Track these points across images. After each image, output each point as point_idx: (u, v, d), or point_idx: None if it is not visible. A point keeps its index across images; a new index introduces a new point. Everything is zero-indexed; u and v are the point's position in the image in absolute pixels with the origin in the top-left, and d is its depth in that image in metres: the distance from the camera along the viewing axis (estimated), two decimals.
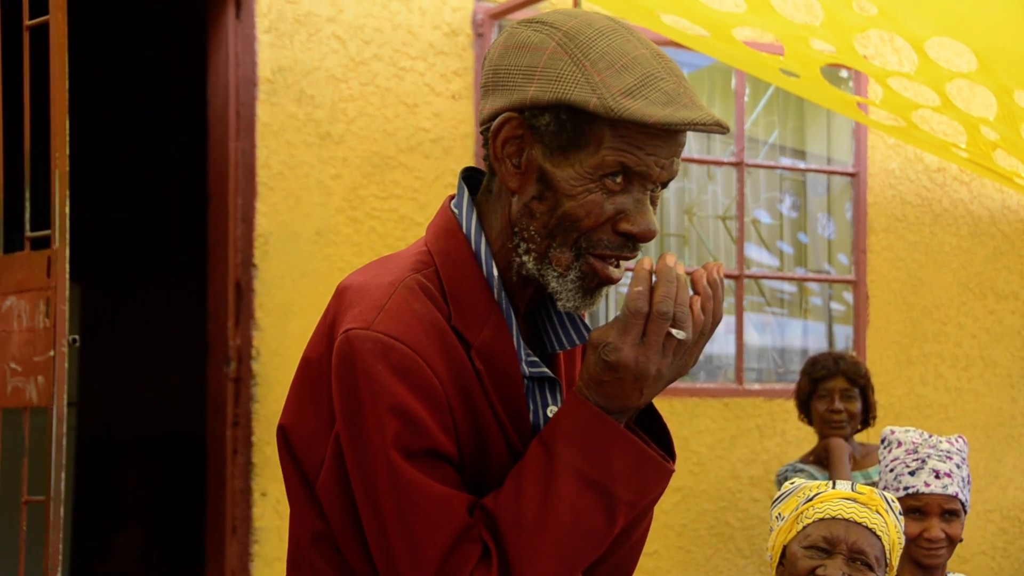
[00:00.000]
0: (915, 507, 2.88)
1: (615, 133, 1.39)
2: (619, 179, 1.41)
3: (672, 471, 1.42)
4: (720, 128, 1.40)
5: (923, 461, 2.92)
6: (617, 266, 1.45)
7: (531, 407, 1.50)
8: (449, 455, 1.41)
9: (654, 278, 1.38)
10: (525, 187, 1.44)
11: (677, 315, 1.37)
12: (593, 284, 1.44)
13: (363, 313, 1.42)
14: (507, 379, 1.46)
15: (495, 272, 1.47)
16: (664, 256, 1.38)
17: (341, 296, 1.48)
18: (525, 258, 1.46)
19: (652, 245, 5.25)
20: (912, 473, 2.90)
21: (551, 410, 1.52)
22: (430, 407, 1.39)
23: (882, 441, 3.02)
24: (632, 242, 1.44)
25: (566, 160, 1.41)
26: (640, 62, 1.40)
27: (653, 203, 1.45)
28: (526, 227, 1.44)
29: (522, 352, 1.49)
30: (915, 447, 2.94)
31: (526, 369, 1.49)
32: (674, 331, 1.37)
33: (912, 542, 2.87)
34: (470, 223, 1.49)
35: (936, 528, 2.87)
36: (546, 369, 1.51)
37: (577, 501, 1.37)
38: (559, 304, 1.46)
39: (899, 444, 2.96)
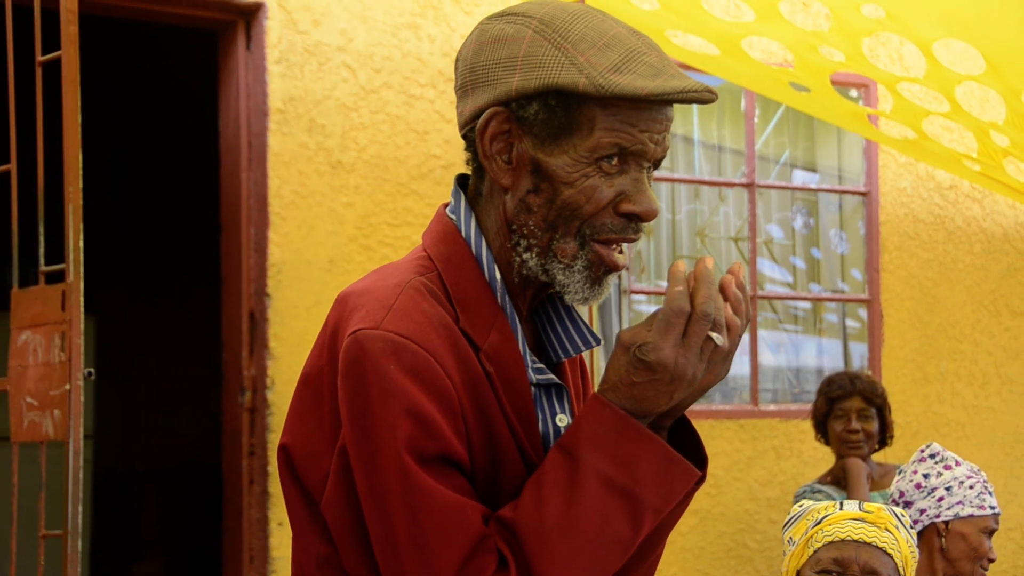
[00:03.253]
0: (993, 530, 2.93)
1: (607, 113, 1.36)
2: (615, 161, 1.38)
3: (699, 475, 1.38)
4: (710, 95, 1.37)
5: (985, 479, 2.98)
6: (621, 252, 1.42)
7: (539, 416, 1.46)
8: (461, 461, 1.36)
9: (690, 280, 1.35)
10: (519, 182, 1.41)
11: (716, 319, 1.34)
12: (600, 272, 1.41)
13: (371, 314, 1.37)
14: (516, 384, 1.42)
15: (497, 275, 1.43)
16: (703, 259, 1.35)
17: (343, 304, 1.43)
18: (527, 256, 1.42)
19: (664, 259, 5.24)
20: (991, 494, 2.96)
21: (560, 419, 1.48)
22: (443, 410, 1.34)
23: (933, 455, 3.00)
24: (635, 223, 1.41)
25: (559, 147, 1.38)
26: (620, 39, 1.38)
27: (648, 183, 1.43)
28: (525, 223, 1.41)
29: (528, 358, 1.45)
30: (972, 469, 2.98)
31: (533, 376, 1.45)
32: (713, 335, 1.33)
33: (977, 562, 2.93)
34: (469, 227, 1.45)
35: (993, 549, 2.97)
36: (553, 376, 1.48)
37: (603, 508, 1.32)
38: (567, 298, 1.43)
39: (957, 463, 2.98)
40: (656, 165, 1.43)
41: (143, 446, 7.02)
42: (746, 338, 5.19)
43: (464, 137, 1.46)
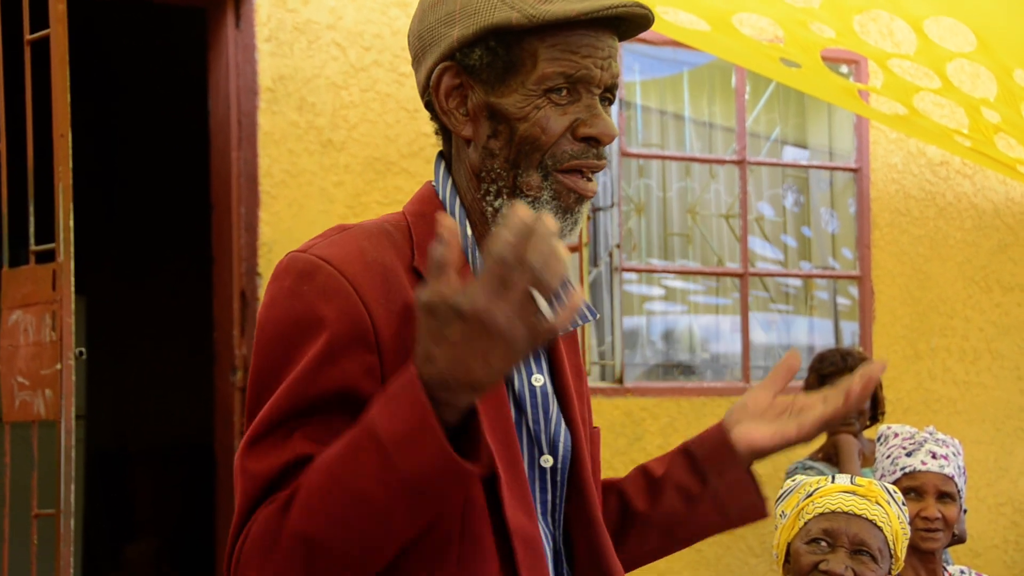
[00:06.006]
0: (912, 487, 2.91)
1: (546, 44, 1.42)
2: (564, 92, 1.43)
3: (460, 470, 1.24)
4: (641, 9, 1.42)
5: (920, 444, 2.95)
6: (589, 179, 1.46)
7: (515, 375, 1.46)
8: (353, 393, 1.33)
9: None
10: (478, 130, 1.45)
11: (545, 279, 1.19)
12: (570, 200, 1.44)
13: (311, 241, 1.43)
14: None
15: (469, 232, 1.47)
16: (546, 216, 1.22)
17: None
18: (497, 202, 1.45)
19: (655, 236, 5.25)
20: (909, 454, 2.93)
21: (536, 379, 1.47)
22: (350, 336, 1.34)
23: (878, 439, 3.05)
24: (596, 147, 1.44)
25: (508, 87, 1.43)
26: None
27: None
28: (491, 168, 1.45)
29: None
30: (912, 435, 2.98)
31: None
32: (537, 296, 1.19)
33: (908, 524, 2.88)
34: (445, 188, 1.50)
35: (933, 507, 2.89)
36: None
37: (357, 458, 1.25)
38: None
39: (896, 435, 3.00)
40: (610, 93, 1.46)
41: (136, 427, 7.02)
42: (737, 316, 5.20)
43: (427, 106, 1.51)
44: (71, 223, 2.85)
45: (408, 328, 1.34)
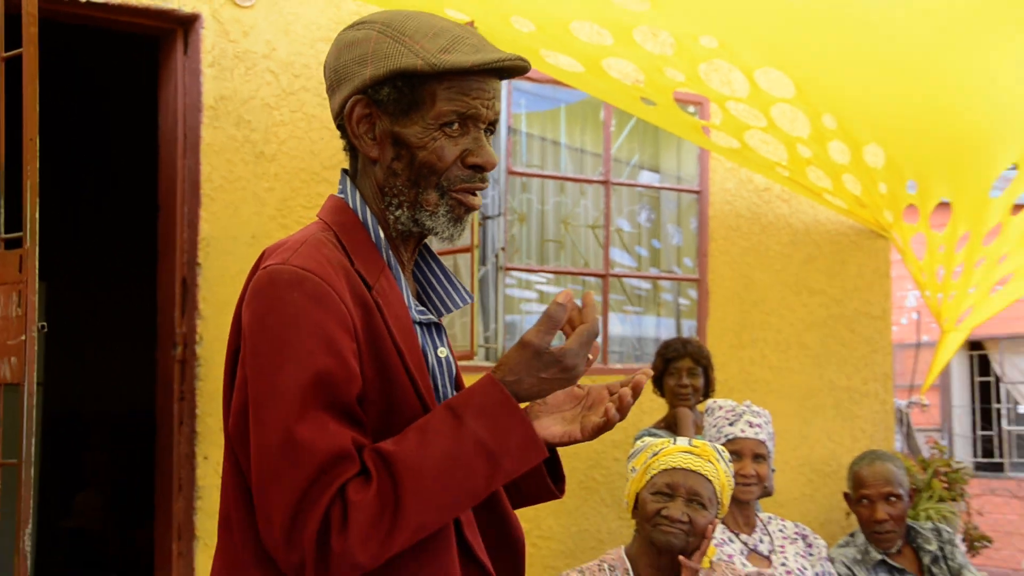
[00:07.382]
0: (733, 451, 3.02)
1: (443, 87, 1.45)
2: (455, 126, 1.46)
3: (547, 455, 1.42)
4: (523, 62, 1.46)
5: (739, 415, 3.07)
6: (475, 195, 1.49)
7: (428, 350, 1.50)
8: (352, 377, 1.36)
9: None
10: (384, 153, 1.48)
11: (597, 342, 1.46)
12: (461, 212, 1.49)
13: (279, 255, 1.42)
14: (401, 319, 1.46)
15: (381, 235, 1.49)
16: (589, 293, 1.45)
17: (259, 259, 1.47)
18: (398, 212, 1.49)
19: (534, 242, 5.26)
20: (731, 424, 3.05)
21: (440, 351, 1.52)
22: (343, 331, 1.37)
23: (707, 411, 3.15)
24: (480, 173, 1.48)
25: (410, 120, 1.46)
26: (447, 28, 1.47)
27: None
28: (393, 185, 1.48)
29: (411, 302, 1.50)
30: (733, 407, 3.09)
31: (415, 315, 1.50)
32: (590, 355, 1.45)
33: None
34: (355, 199, 1.51)
35: (749, 467, 3.01)
36: (432, 316, 1.53)
37: (471, 463, 1.36)
38: (437, 236, 1.50)
39: (720, 408, 3.12)
40: (492, 127, 1.50)
41: (87, 394, 6.81)
42: (601, 309, 5.25)
43: (338, 128, 1.53)
44: (37, 215, 2.76)
45: (368, 318, 1.41)
